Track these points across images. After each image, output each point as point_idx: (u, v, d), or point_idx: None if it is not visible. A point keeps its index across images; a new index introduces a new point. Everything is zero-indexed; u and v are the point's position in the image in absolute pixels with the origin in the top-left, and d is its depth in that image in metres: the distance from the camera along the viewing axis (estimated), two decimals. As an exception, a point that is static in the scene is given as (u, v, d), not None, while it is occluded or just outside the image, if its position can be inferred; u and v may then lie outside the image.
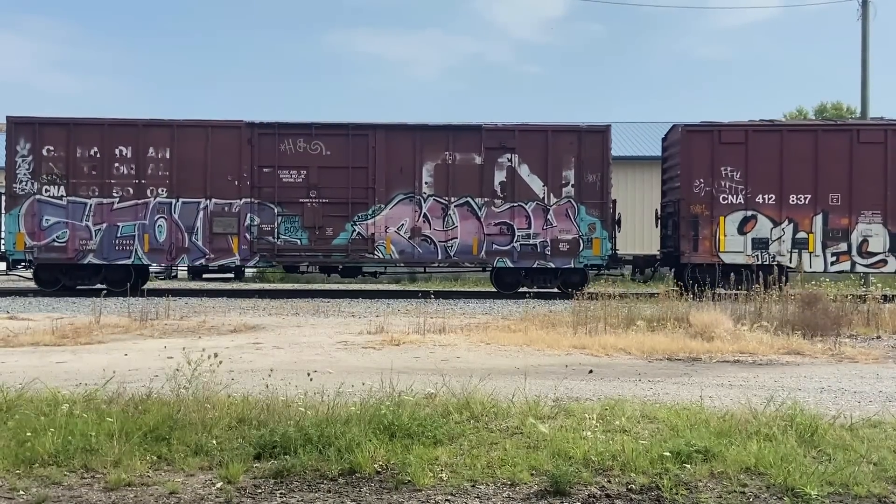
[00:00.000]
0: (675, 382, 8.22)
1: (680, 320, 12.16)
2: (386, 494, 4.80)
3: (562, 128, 20.05)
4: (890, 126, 19.28)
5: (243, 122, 19.42)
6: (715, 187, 19.12)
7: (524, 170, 19.42)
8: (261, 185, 19.30)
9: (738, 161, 19.10)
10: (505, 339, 11.23)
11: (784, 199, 19.03)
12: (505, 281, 20.00)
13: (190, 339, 11.28)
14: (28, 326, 12.39)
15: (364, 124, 19.65)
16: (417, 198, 19.42)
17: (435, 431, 5.63)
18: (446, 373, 7.75)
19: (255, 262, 19.84)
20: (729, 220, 19.11)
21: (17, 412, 6.02)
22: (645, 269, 20.84)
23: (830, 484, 4.86)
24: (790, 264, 18.98)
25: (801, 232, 19.03)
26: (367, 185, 19.38)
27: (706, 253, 19.12)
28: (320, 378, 7.44)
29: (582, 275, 19.71)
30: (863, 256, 19.01)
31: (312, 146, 19.37)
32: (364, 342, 10.94)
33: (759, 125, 19.54)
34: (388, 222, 19.42)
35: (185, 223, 19.19)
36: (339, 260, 19.65)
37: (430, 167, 19.45)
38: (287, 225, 19.36)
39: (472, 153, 19.47)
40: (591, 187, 19.40)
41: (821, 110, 44.10)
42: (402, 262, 19.93)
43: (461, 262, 19.76)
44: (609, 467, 5.13)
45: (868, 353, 10.46)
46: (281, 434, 5.42)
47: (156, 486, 4.88)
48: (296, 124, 19.58)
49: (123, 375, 7.79)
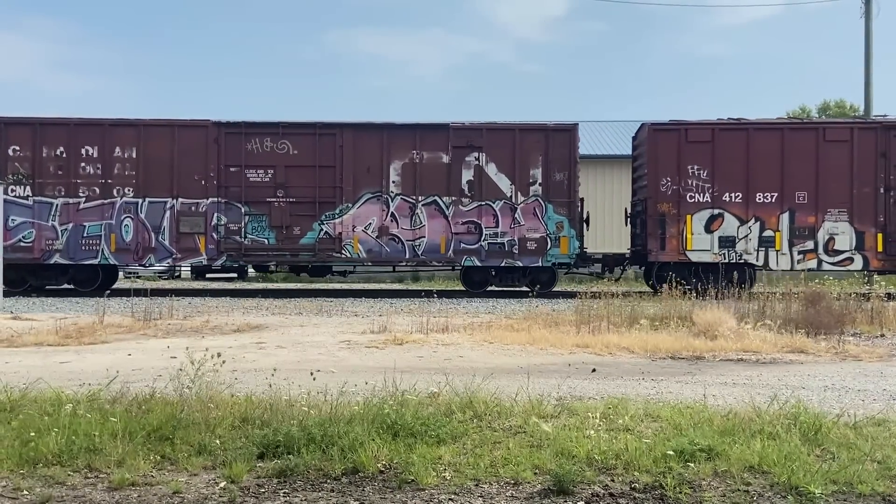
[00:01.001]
0: (678, 381, 8.21)
1: (683, 319, 12.16)
2: (389, 494, 4.80)
3: (529, 126, 20.08)
4: (856, 124, 19.42)
5: (210, 122, 19.50)
6: (682, 186, 19.20)
7: (492, 168, 19.49)
8: (228, 184, 19.36)
9: (704, 159, 19.19)
10: (508, 338, 11.23)
11: (751, 198, 19.13)
12: (473, 280, 20.07)
13: (193, 338, 11.29)
14: (32, 326, 12.41)
15: (331, 123, 19.70)
16: (385, 197, 19.49)
17: (438, 431, 5.63)
18: (449, 372, 7.75)
19: (222, 262, 19.83)
20: (696, 219, 19.20)
21: (20, 412, 6.03)
22: (614, 268, 20.91)
23: (834, 482, 4.85)
24: (757, 262, 19.17)
25: (767, 230, 19.14)
26: (334, 184, 19.45)
27: (673, 251, 19.22)
28: (323, 377, 7.43)
29: (550, 273, 19.89)
30: (829, 254, 19.10)
31: (279, 145, 19.44)
32: (367, 341, 10.94)
33: (726, 124, 19.60)
34: (355, 221, 19.49)
35: (151, 223, 19.26)
36: (306, 259, 19.72)
37: (398, 166, 19.52)
38: (254, 224, 19.42)
39: (439, 152, 19.54)
40: (559, 186, 19.48)
41: (824, 108, 44.05)
42: (370, 261, 19.95)
43: (429, 261, 19.81)
44: (612, 466, 5.13)
45: (872, 352, 10.44)
46: (284, 433, 5.42)
47: (159, 485, 4.88)
48: (262, 123, 19.63)
49: (127, 375, 7.79)
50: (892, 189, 18.92)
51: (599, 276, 21.13)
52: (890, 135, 19.00)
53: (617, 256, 21.06)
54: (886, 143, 18.96)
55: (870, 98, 26.64)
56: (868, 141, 19.01)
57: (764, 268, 19.31)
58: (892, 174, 18.91)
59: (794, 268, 18.99)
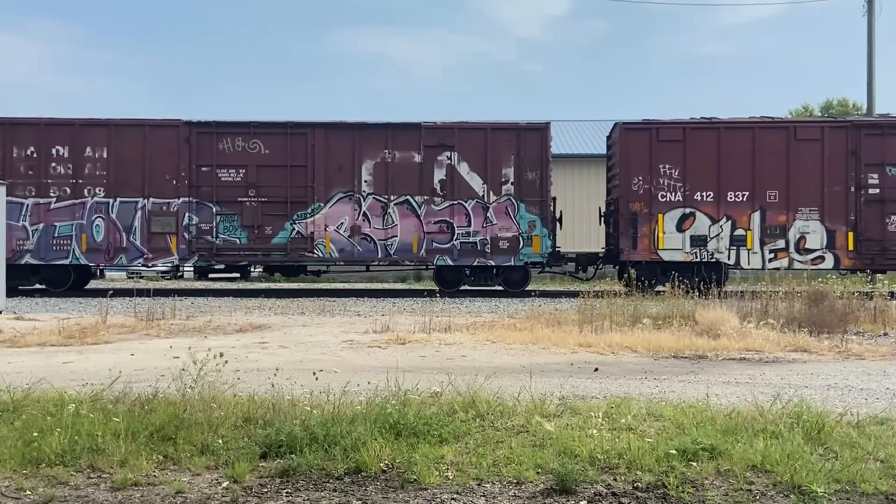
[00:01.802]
0: (681, 380, 8.20)
1: (686, 318, 12.15)
2: (392, 493, 4.80)
3: (501, 126, 19.97)
4: (826, 123, 19.47)
5: (181, 121, 19.52)
6: (654, 185, 19.24)
7: (464, 168, 19.51)
8: (199, 184, 19.39)
9: (676, 159, 19.23)
10: (510, 337, 11.22)
11: (722, 197, 19.17)
12: (446, 279, 20.09)
13: (196, 338, 11.30)
14: (35, 327, 12.43)
15: (302, 123, 19.71)
16: (357, 196, 19.52)
17: (441, 430, 5.63)
18: (452, 371, 7.75)
19: (193, 262, 19.96)
20: (667, 218, 19.24)
21: (23, 412, 6.04)
22: (588, 267, 20.96)
23: (837, 481, 4.84)
24: (728, 261, 19.21)
25: (739, 229, 19.17)
26: (306, 183, 19.48)
27: (645, 250, 19.27)
28: (326, 377, 7.43)
29: (523, 272, 19.93)
30: (800, 253, 19.14)
31: (251, 145, 19.46)
32: (370, 341, 10.94)
33: (697, 123, 19.65)
34: (327, 221, 19.52)
35: (122, 223, 19.29)
36: (279, 259, 19.74)
37: (370, 165, 19.54)
38: (226, 224, 19.45)
39: (411, 151, 19.56)
40: (531, 185, 19.51)
41: (826, 107, 44.03)
42: (342, 260, 19.98)
43: (401, 260, 19.82)
44: (615, 465, 5.13)
45: (875, 351, 10.42)
46: (287, 433, 5.43)
47: (162, 485, 4.89)
48: (234, 123, 19.66)
49: (129, 375, 7.80)
50: (862, 188, 18.98)
51: (573, 275, 21.34)
52: (861, 134, 19.06)
53: (591, 255, 21.10)
54: (857, 142, 19.02)
55: (872, 96, 26.59)
56: (839, 140, 19.07)
57: (735, 266, 19.40)
58: (862, 173, 18.97)
59: (766, 267, 19.21)
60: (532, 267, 20.10)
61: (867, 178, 18.96)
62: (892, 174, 18.91)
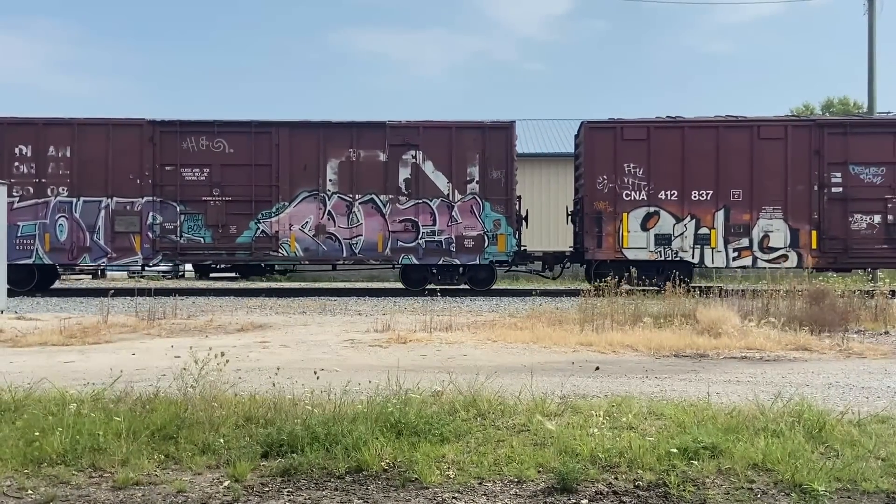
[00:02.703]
0: (682, 379, 8.20)
1: (687, 317, 12.14)
2: (393, 492, 4.80)
3: (466, 124, 19.95)
4: (790, 122, 19.56)
5: (145, 120, 19.54)
6: (618, 184, 19.32)
7: (429, 167, 19.55)
8: (163, 183, 19.40)
9: (640, 157, 19.30)
10: (511, 336, 11.22)
11: (686, 195, 19.25)
12: (412, 278, 20.13)
13: (197, 338, 11.30)
14: (36, 326, 12.44)
15: (267, 122, 19.73)
16: (322, 195, 19.56)
17: (442, 429, 5.63)
18: (453, 370, 7.75)
19: (157, 261, 19.97)
20: (632, 217, 19.32)
21: (25, 412, 6.04)
22: (554, 266, 21.01)
23: (838, 480, 4.84)
24: (693, 260, 19.31)
25: (703, 228, 19.26)
26: (270, 182, 19.51)
27: (610, 249, 19.35)
28: (327, 376, 7.44)
29: (489, 271, 19.98)
30: (764, 251, 19.23)
31: (215, 144, 19.48)
32: (371, 340, 10.94)
33: (661, 122, 19.71)
34: (292, 220, 19.54)
35: (86, 222, 19.29)
36: (243, 258, 19.77)
37: (335, 164, 19.58)
38: (190, 223, 19.47)
39: (376, 150, 19.60)
40: (496, 184, 19.54)
41: (827, 106, 44.01)
42: (307, 259, 20.01)
43: (366, 259, 19.86)
44: (616, 464, 5.12)
45: (876, 349, 10.42)
46: (288, 432, 5.43)
47: (163, 484, 4.89)
48: (198, 122, 19.66)
49: (131, 375, 7.81)
50: (826, 187, 19.07)
51: (540, 274, 21.41)
52: (824, 132, 19.16)
53: (557, 254, 21.14)
54: (820, 141, 19.10)
55: (873, 94, 26.59)
56: (802, 139, 19.15)
57: (699, 265, 19.52)
58: (825, 172, 19.06)
59: (730, 265, 19.40)
60: (499, 266, 20.16)
61: (830, 176, 19.09)
62: (855, 173, 19.03)
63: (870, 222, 19.02)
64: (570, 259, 20.78)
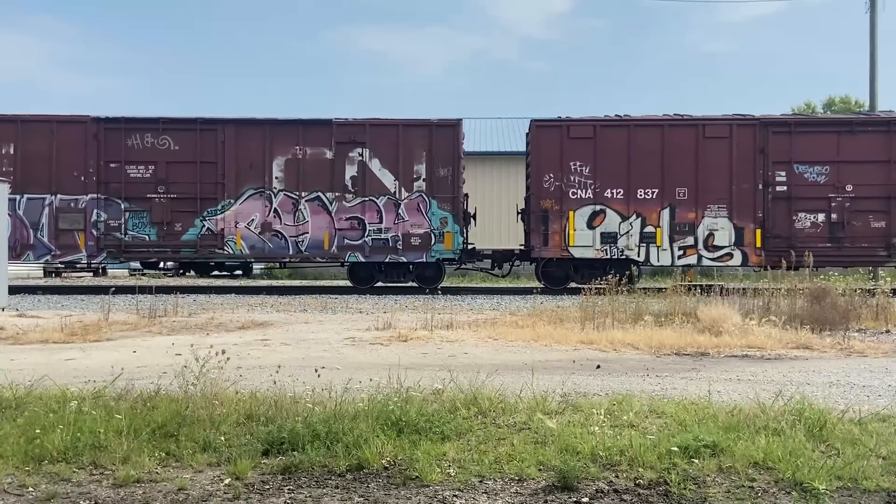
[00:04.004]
0: (682, 377, 8.20)
1: (688, 315, 12.14)
2: (393, 490, 4.80)
3: (413, 122, 19.96)
4: (734, 121, 19.53)
5: (89, 117, 19.53)
6: (564, 182, 19.37)
7: (375, 164, 19.58)
8: (108, 180, 19.40)
9: (587, 156, 19.35)
10: (512, 334, 11.22)
11: (632, 194, 19.31)
12: (359, 276, 20.16)
13: (198, 335, 11.31)
14: (37, 324, 12.45)
15: (212, 119, 19.75)
16: (268, 193, 19.59)
17: (442, 427, 5.63)
18: (454, 368, 7.75)
19: (102, 259, 19.94)
20: (578, 215, 19.38)
21: (26, 409, 6.04)
22: (503, 264, 21.04)
23: (839, 478, 4.83)
24: (638, 258, 19.36)
25: (648, 226, 19.33)
26: (216, 180, 19.53)
27: (556, 247, 19.41)
28: (328, 374, 7.44)
29: (436, 269, 20.04)
30: (709, 250, 19.32)
31: (160, 141, 19.48)
32: (372, 338, 10.94)
33: (607, 120, 19.75)
34: (238, 217, 19.57)
35: (30, 219, 19.27)
36: (188, 256, 19.77)
37: (281, 162, 19.59)
38: (135, 221, 19.48)
39: (322, 148, 19.62)
40: (443, 181, 19.57)
41: (829, 104, 43.94)
42: (253, 257, 20.09)
43: (313, 256, 19.89)
44: (617, 462, 5.12)
45: (877, 348, 10.41)
46: (289, 430, 5.43)
47: (164, 482, 4.89)
48: (142, 119, 19.68)
49: (132, 372, 7.81)
50: (770, 185, 19.15)
51: (489, 272, 21.50)
52: (768, 131, 19.24)
53: (506, 252, 21.17)
54: (765, 140, 19.20)
55: (875, 93, 26.55)
56: (747, 137, 19.24)
57: (645, 263, 19.59)
58: (770, 170, 19.15)
59: (675, 263, 19.50)
60: (448, 264, 20.21)
61: (775, 175, 19.20)
62: (799, 172, 19.13)
63: (814, 221, 19.16)
64: (518, 257, 20.78)
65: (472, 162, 28.52)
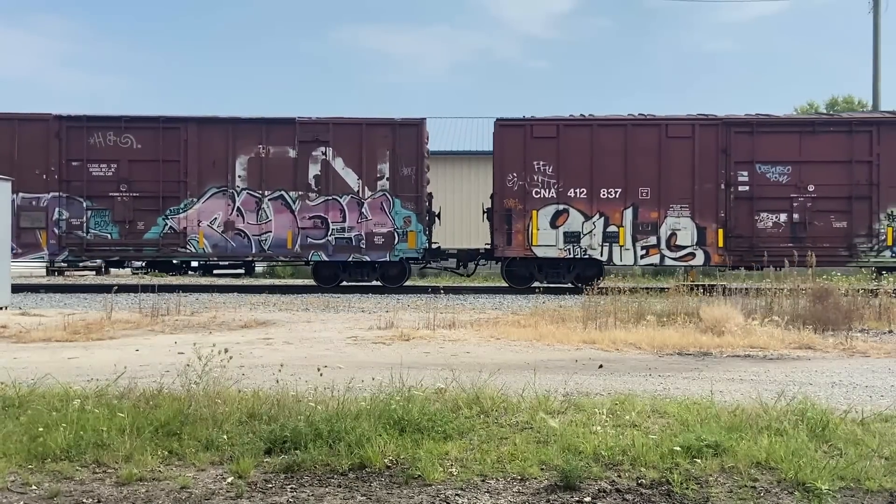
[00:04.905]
0: (685, 377, 8.20)
1: (690, 315, 12.13)
2: (396, 489, 4.80)
3: (376, 121, 19.93)
4: (697, 121, 19.54)
5: (51, 115, 19.48)
6: (528, 181, 19.39)
7: (339, 163, 19.56)
8: (70, 178, 19.35)
9: (550, 155, 19.36)
10: (515, 334, 11.22)
11: (595, 193, 19.32)
12: (323, 275, 20.18)
13: (201, 334, 11.32)
14: (40, 322, 12.46)
15: (175, 117, 19.72)
16: (231, 191, 19.57)
17: (445, 426, 5.63)
18: (456, 368, 7.75)
19: (64, 257, 19.88)
20: (541, 214, 19.38)
21: (29, 408, 6.05)
22: (468, 263, 21.06)
23: (842, 478, 4.83)
24: (601, 258, 19.39)
25: (611, 226, 19.34)
26: (178, 178, 19.51)
27: (519, 247, 19.42)
28: (330, 373, 7.44)
29: (400, 268, 20.04)
30: (671, 250, 19.33)
31: (123, 139, 19.46)
32: (374, 337, 10.95)
33: (571, 120, 19.75)
34: (200, 216, 19.56)
35: None
36: (150, 254, 19.77)
37: (244, 160, 19.56)
38: (97, 219, 19.45)
39: (286, 146, 19.60)
40: (407, 181, 19.55)
41: (832, 104, 43.86)
42: (216, 256, 20.08)
43: (276, 255, 19.91)
44: (619, 462, 5.12)
45: (880, 348, 10.40)
46: (291, 429, 5.43)
47: (167, 480, 4.89)
48: (105, 117, 19.66)
49: (134, 371, 7.82)
50: (732, 185, 19.16)
51: (454, 271, 21.57)
52: (731, 131, 19.24)
53: (471, 252, 21.14)
54: (727, 140, 19.20)
55: (878, 93, 26.53)
56: (709, 137, 19.23)
57: (608, 263, 19.59)
58: (732, 170, 19.16)
59: (638, 263, 19.55)
60: (414, 263, 20.26)
61: (737, 175, 19.21)
62: (761, 172, 19.14)
63: (775, 221, 19.17)
64: (483, 256, 20.76)
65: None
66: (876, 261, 19.02)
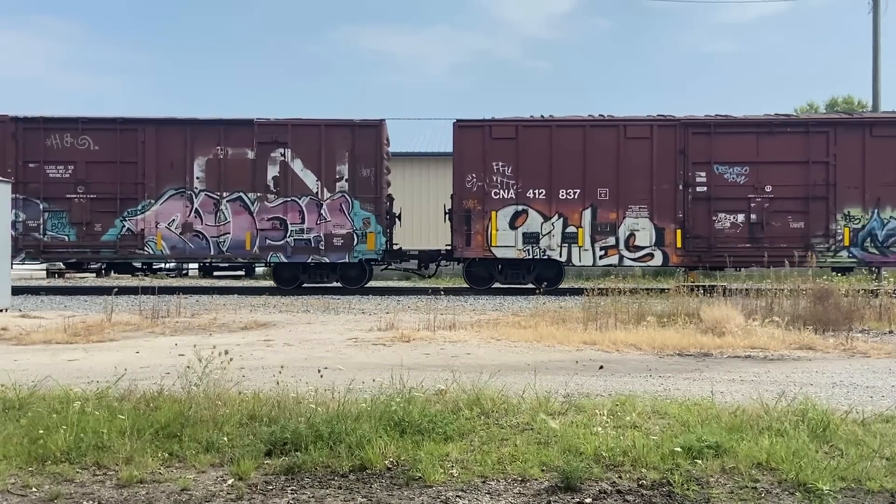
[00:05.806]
0: (685, 378, 8.19)
1: (690, 316, 12.13)
2: (396, 490, 4.80)
3: (335, 122, 19.89)
4: (655, 122, 19.55)
5: (7, 117, 19.44)
6: (487, 182, 19.39)
7: (297, 164, 19.54)
8: (26, 180, 19.26)
9: (509, 156, 19.36)
10: (515, 335, 11.22)
11: (554, 194, 19.32)
12: (282, 276, 20.15)
13: (201, 336, 11.32)
14: (40, 324, 12.46)
15: (133, 119, 19.70)
16: (189, 193, 19.53)
17: (445, 428, 5.63)
18: (456, 369, 7.74)
19: (20, 259, 19.66)
20: (500, 215, 19.38)
21: (29, 410, 6.05)
22: (430, 264, 21.08)
23: (843, 479, 4.83)
24: (560, 258, 19.38)
25: (570, 226, 19.36)
26: (136, 180, 19.47)
27: (479, 247, 19.43)
28: (331, 375, 7.44)
29: (360, 269, 20.01)
30: (630, 250, 19.35)
31: (80, 141, 19.40)
32: (374, 339, 10.94)
33: (530, 121, 19.74)
34: (158, 217, 19.50)
35: None
36: (108, 256, 19.72)
37: (202, 162, 19.53)
38: (54, 221, 19.38)
39: (244, 148, 19.56)
40: (366, 182, 19.55)
41: (832, 104, 43.89)
42: (174, 257, 20.09)
43: (234, 257, 19.93)
44: (620, 463, 5.12)
45: (880, 348, 10.39)
46: (292, 430, 5.43)
47: (167, 482, 4.89)
48: (62, 119, 19.57)
49: (135, 373, 7.82)
50: (690, 186, 19.18)
51: (415, 272, 21.60)
52: (688, 132, 19.25)
53: (432, 253, 21.13)
54: (685, 141, 19.21)
55: (878, 93, 26.51)
56: (667, 138, 19.25)
57: (567, 263, 19.62)
58: (690, 171, 19.18)
59: (597, 263, 19.58)
60: (375, 264, 20.24)
61: (695, 176, 19.23)
62: (719, 172, 19.16)
63: (733, 221, 19.18)
64: (444, 257, 20.75)
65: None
66: (833, 261, 18.98)
